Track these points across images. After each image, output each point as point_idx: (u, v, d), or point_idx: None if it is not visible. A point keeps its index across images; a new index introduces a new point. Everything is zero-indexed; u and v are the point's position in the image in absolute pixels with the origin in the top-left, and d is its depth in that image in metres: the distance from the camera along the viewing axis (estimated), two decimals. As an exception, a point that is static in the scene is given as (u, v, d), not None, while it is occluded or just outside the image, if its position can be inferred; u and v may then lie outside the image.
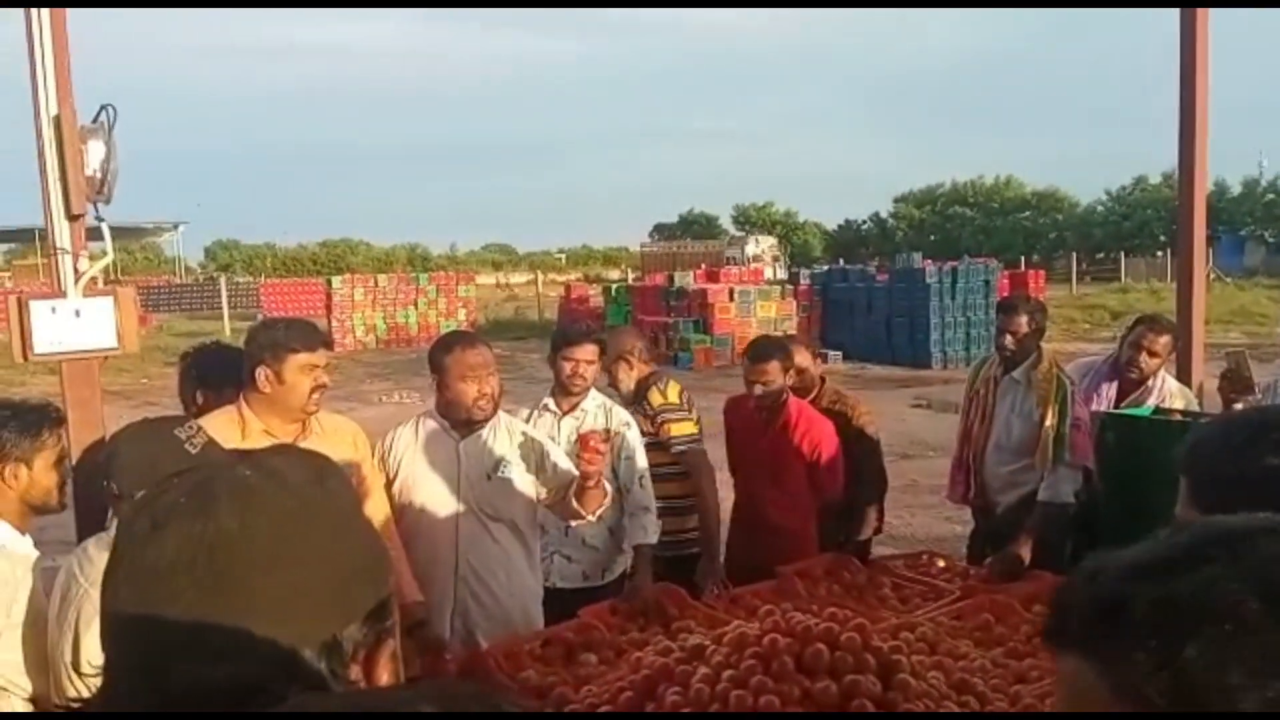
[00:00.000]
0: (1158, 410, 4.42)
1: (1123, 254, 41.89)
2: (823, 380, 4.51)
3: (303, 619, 0.71)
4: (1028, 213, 59.75)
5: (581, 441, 3.08)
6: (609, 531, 3.79)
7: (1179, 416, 4.13)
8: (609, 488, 3.24)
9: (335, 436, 2.95)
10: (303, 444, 2.65)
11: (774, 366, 4.01)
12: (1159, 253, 41.51)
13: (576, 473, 3.12)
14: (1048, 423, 3.84)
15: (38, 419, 2.46)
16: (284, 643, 0.70)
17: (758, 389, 4.03)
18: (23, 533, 2.44)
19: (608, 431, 3.29)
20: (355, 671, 0.73)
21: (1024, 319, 3.98)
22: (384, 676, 0.76)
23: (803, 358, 4.34)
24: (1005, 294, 14.07)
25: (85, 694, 0.76)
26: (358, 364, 19.55)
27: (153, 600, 0.69)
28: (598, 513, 3.21)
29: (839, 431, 4.16)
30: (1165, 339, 4.33)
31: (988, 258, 24.79)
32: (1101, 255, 47.73)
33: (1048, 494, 3.80)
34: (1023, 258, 38.54)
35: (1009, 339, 3.98)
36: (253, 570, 0.70)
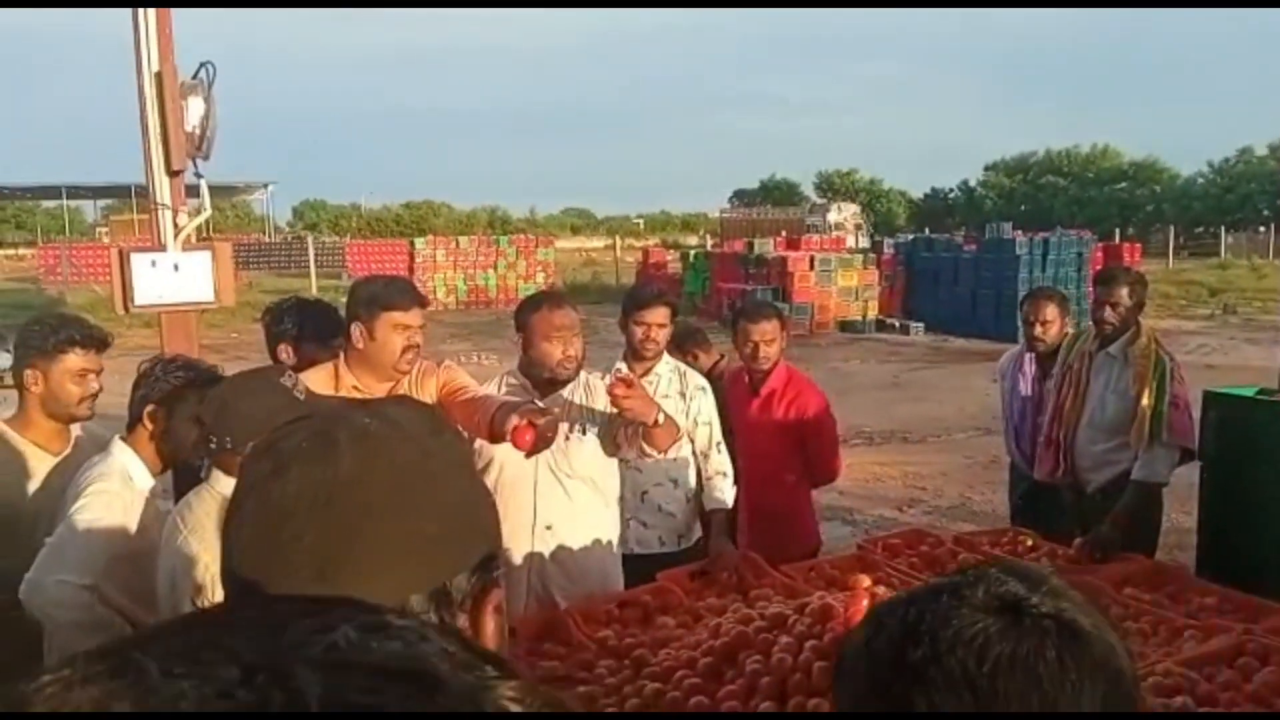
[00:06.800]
0: (1262, 390, 4.25)
1: (1223, 229, 40.17)
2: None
3: (415, 566, 0.71)
4: (1124, 184, 57.77)
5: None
6: (685, 498, 3.78)
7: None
8: (680, 426, 3.16)
9: (423, 382, 2.96)
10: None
11: (774, 326, 3.78)
12: (1262, 228, 39.78)
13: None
14: (1144, 401, 3.70)
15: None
16: (397, 588, 0.69)
17: (761, 350, 3.73)
18: (154, 474, 2.54)
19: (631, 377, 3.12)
20: (462, 620, 0.73)
21: (1125, 291, 3.82)
22: (490, 626, 0.75)
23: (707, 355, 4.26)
24: (1099, 267, 13.61)
25: None
26: (438, 324, 19.80)
27: (274, 540, 0.70)
28: (669, 449, 3.17)
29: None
30: (1051, 306, 4.35)
31: (1081, 229, 24.00)
32: (1200, 229, 45.89)
33: (1142, 473, 3.67)
34: (1117, 230, 37.22)
35: (1109, 311, 3.82)
36: (371, 515, 0.70)
